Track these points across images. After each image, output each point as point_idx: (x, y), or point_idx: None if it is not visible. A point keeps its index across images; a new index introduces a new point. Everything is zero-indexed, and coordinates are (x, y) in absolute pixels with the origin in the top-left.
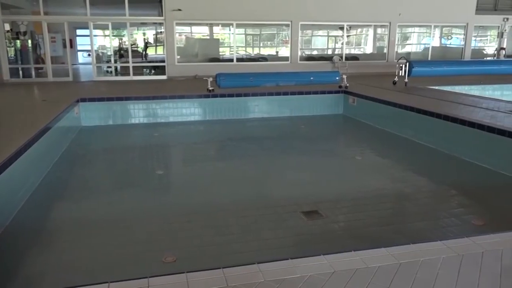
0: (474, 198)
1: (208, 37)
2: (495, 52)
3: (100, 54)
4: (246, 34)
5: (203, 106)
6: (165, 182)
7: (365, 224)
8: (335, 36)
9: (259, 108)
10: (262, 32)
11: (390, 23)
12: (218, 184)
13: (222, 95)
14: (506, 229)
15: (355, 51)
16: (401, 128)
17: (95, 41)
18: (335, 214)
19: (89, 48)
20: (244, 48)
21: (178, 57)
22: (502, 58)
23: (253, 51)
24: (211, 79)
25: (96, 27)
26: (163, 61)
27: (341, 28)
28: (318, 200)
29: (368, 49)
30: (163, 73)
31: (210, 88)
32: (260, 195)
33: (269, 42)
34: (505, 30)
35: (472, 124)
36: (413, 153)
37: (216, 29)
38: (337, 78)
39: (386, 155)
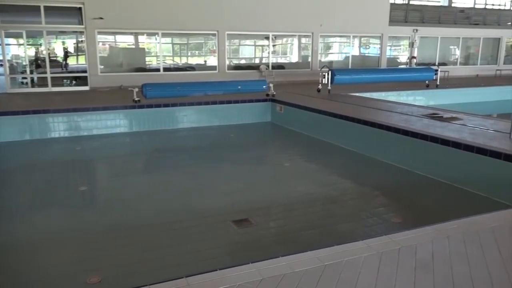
0: (393, 197)
1: (133, 46)
2: (408, 60)
3: (15, 64)
4: (173, 43)
5: (129, 117)
6: (88, 198)
7: (295, 228)
8: (262, 46)
9: (187, 118)
10: (190, 41)
11: (312, 33)
12: (145, 198)
13: (149, 106)
14: (420, 224)
15: (281, 60)
16: (326, 133)
17: (8, 50)
18: (265, 221)
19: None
20: (171, 58)
21: (102, 67)
22: (413, 66)
23: (180, 61)
24: (136, 89)
25: (9, 35)
26: (85, 71)
27: (267, 37)
28: (248, 208)
29: (294, 58)
30: (85, 84)
31: (136, 99)
32: (189, 207)
33: (197, 51)
34: (415, 40)
35: (388, 128)
36: (337, 157)
37: (141, 38)
38: (264, 86)
39: (312, 160)
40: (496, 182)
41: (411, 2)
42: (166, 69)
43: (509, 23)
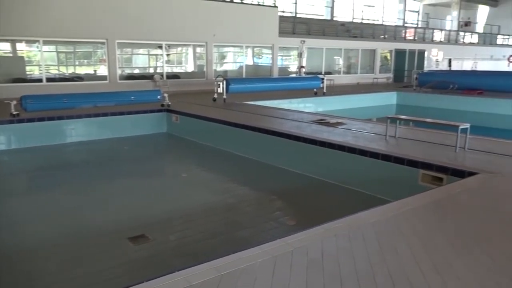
0: (288, 201)
1: (11, 55)
2: (297, 69)
3: None
4: (58, 52)
5: (6, 133)
6: None
7: (193, 240)
8: (156, 55)
9: (76, 131)
10: (77, 50)
11: (206, 43)
12: (28, 222)
13: (31, 120)
14: (312, 225)
15: (176, 69)
16: (222, 142)
17: None
18: (163, 235)
19: None
20: (56, 67)
21: None
22: (302, 75)
23: (67, 70)
24: (14, 102)
25: None
26: None
27: (160, 47)
28: (144, 223)
29: (189, 67)
30: None
31: (14, 113)
32: (80, 227)
33: (85, 61)
34: (303, 51)
35: (281, 135)
36: (234, 165)
37: (20, 45)
38: (159, 96)
39: (210, 170)
40: (376, 179)
41: (298, 16)
42: (50, 80)
43: (382, 36)
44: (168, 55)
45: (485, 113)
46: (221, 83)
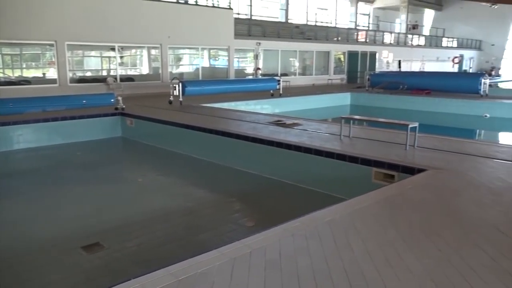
0: (247, 202)
1: None
2: (254, 71)
3: None
4: (2, 54)
5: None
6: None
7: (151, 246)
8: (109, 57)
9: (23, 137)
10: (24, 52)
11: (161, 45)
12: None
13: None
14: (270, 226)
15: (130, 72)
16: (179, 145)
17: None
18: (119, 242)
19: None
20: (1, 70)
21: None
22: (259, 76)
23: (13, 74)
24: None
25: None
26: None
27: (113, 49)
28: (99, 231)
29: (144, 70)
30: None
31: None
32: (31, 238)
33: (33, 63)
34: (259, 52)
35: (238, 136)
36: (192, 168)
37: None
38: (112, 100)
39: (167, 174)
40: (331, 179)
41: (253, 18)
42: None
43: (335, 39)
44: (121, 57)
45: (432, 112)
46: (177, 86)
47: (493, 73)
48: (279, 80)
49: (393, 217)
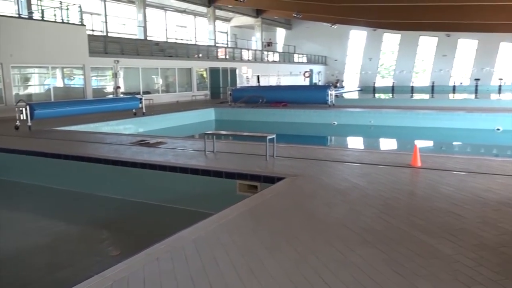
0: (112, 230)
1: None
2: (114, 90)
3: None
4: None
5: None
6: None
7: None
8: None
9: None
10: None
11: (1, 64)
12: None
13: None
14: (135, 252)
15: None
16: (31, 176)
17: None
18: None
19: None
20: None
21: None
22: (120, 95)
23: None
24: None
25: None
26: None
27: None
28: None
29: None
30: None
31: None
32: None
33: None
34: (118, 71)
35: (98, 160)
36: (48, 200)
37: None
38: None
39: (18, 209)
40: (199, 195)
41: (109, 35)
42: None
43: (196, 56)
44: None
45: (289, 122)
46: (23, 109)
47: (338, 85)
48: (141, 99)
49: (256, 226)
